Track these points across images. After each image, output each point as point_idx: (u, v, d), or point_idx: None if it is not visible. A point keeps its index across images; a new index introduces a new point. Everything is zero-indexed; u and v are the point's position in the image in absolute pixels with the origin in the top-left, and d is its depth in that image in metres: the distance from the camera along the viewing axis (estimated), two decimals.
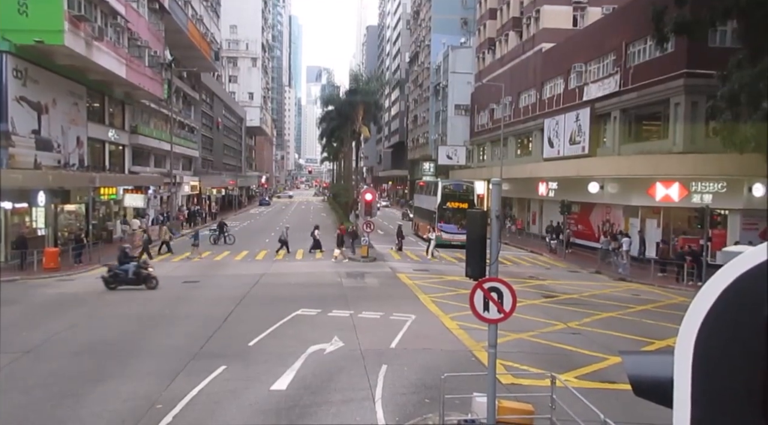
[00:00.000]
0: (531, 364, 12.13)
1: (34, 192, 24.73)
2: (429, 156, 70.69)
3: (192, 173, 56.47)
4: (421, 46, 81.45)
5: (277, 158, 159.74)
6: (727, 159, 22.64)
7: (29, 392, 10.27)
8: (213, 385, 10.59)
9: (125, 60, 31.44)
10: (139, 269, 20.25)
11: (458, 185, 37.44)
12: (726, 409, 1.29)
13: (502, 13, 53.50)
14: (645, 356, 1.77)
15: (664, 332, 14.99)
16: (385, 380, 11.00)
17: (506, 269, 25.48)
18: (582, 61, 34.47)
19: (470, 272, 7.86)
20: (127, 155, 38.66)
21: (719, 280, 1.33)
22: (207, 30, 57.14)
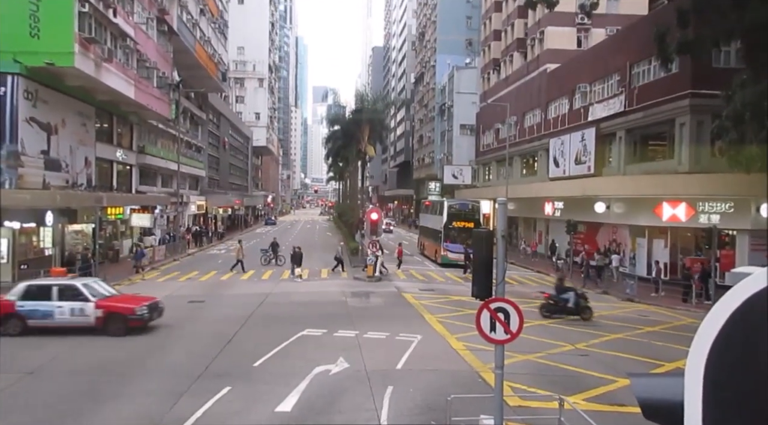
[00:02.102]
0: (538, 386, 11.98)
1: (42, 212, 24.87)
2: (434, 176, 70.85)
3: (198, 192, 56.73)
4: (426, 67, 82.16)
5: (283, 177, 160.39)
6: (734, 179, 22.57)
7: (32, 412, 10.22)
8: (217, 406, 10.51)
9: (134, 81, 31.83)
10: (579, 299, 19.51)
11: (464, 205, 37.43)
12: None
13: (506, 35, 54.00)
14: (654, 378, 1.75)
15: (674, 353, 14.81)
16: (391, 401, 10.89)
17: (512, 289, 25.32)
18: (586, 81, 34.65)
19: (476, 292, 7.82)
20: (134, 174, 38.93)
21: (729, 301, 1.32)
22: (214, 51, 57.88)
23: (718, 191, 24.75)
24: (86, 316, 15.97)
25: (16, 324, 15.93)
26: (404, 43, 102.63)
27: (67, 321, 15.99)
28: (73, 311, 15.99)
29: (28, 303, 16.05)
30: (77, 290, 16.31)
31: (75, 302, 16.06)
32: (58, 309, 15.97)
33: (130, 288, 25.51)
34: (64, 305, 16.02)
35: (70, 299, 16.11)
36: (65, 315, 15.99)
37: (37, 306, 16.03)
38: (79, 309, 15.98)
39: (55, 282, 17.02)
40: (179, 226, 43.90)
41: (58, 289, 16.30)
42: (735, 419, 1.27)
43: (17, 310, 15.97)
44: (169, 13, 39.55)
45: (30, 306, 16.02)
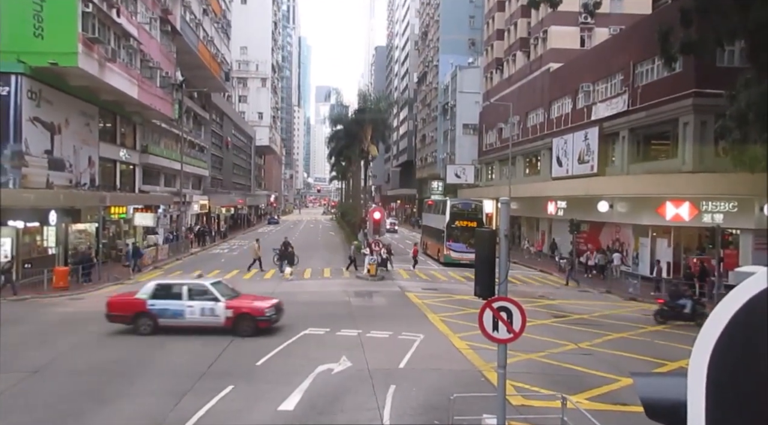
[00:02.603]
0: (541, 385, 11.97)
1: (46, 211, 24.95)
2: (437, 175, 70.80)
3: (201, 192, 56.82)
4: (429, 67, 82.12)
5: (285, 176, 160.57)
6: (738, 179, 22.51)
7: (35, 412, 10.25)
8: (220, 405, 10.53)
9: (137, 81, 31.90)
10: (696, 305, 19.17)
11: (467, 204, 37.40)
12: None
13: (509, 34, 53.94)
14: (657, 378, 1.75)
15: (677, 353, 14.79)
16: (394, 401, 10.89)
17: (515, 288, 25.30)
18: (590, 80, 34.59)
19: (479, 292, 7.81)
20: (137, 174, 39.01)
21: (732, 301, 1.32)
22: (218, 51, 57.94)
23: (722, 190, 24.68)
24: (216, 316, 15.88)
25: (147, 323, 15.97)
26: (407, 42, 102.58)
27: (197, 320, 15.94)
28: (204, 311, 15.92)
29: (158, 302, 16.01)
30: (207, 290, 16.25)
31: (205, 302, 15.99)
32: (188, 309, 15.92)
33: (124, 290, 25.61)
34: (194, 305, 15.97)
35: (200, 299, 16.03)
36: (195, 315, 15.93)
37: (168, 305, 15.99)
38: (209, 309, 15.89)
39: (185, 282, 17.11)
40: (181, 226, 43.97)
41: (188, 288, 16.27)
42: (738, 418, 1.27)
43: (149, 309, 15.97)
44: (173, 13, 39.60)
45: (161, 305, 15.99)
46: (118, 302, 16.60)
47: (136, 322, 16.01)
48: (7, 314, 18.58)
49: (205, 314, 15.92)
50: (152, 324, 15.98)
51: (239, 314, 15.98)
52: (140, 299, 16.15)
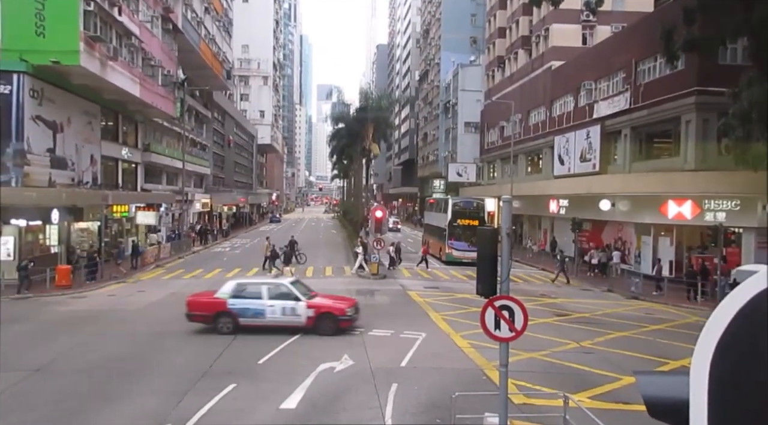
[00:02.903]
0: (543, 384, 11.97)
1: (48, 210, 24.99)
2: (439, 173, 70.77)
3: (203, 190, 56.88)
4: (430, 65, 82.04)
5: (287, 175, 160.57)
6: (740, 177, 22.46)
7: (38, 410, 10.27)
8: (222, 403, 10.55)
9: (139, 79, 31.92)
10: None
11: (468, 203, 37.38)
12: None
13: (511, 32, 53.86)
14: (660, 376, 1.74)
15: (679, 352, 14.77)
16: (396, 399, 10.90)
17: (517, 287, 25.28)
18: (592, 78, 34.53)
19: (481, 290, 7.81)
20: (139, 172, 39.06)
21: (735, 299, 1.32)
22: (219, 49, 57.94)
23: (724, 189, 24.63)
24: (297, 316, 15.79)
25: (228, 322, 15.89)
26: (408, 40, 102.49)
27: (278, 320, 15.84)
28: (285, 310, 15.82)
29: (239, 302, 15.93)
30: (287, 290, 16.18)
31: (286, 302, 15.91)
32: (269, 308, 15.82)
33: (126, 288, 25.68)
34: (275, 305, 15.88)
35: (280, 299, 15.94)
36: (276, 314, 15.82)
37: (249, 305, 15.89)
38: (290, 309, 15.80)
39: (265, 281, 17.07)
40: (183, 224, 44.02)
41: (268, 288, 16.20)
42: (740, 417, 1.27)
43: (229, 308, 15.89)
44: (174, 12, 39.61)
45: (241, 305, 15.90)
46: (198, 302, 16.45)
47: (216, 321, 15.92)
48: (9, 312, 18.63)
49: (286, 313, 15.79)
50: (233, 323, 15.87)
51: (321, 314, 15.86)
52: (221, 298, 16.04)
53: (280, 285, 16.50)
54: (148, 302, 21.13)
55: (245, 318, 15.89)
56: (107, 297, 22.75)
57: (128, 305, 20.91)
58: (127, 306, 20.62)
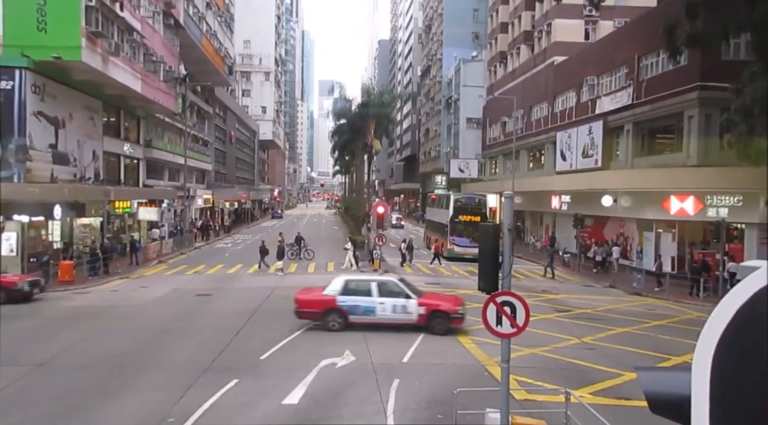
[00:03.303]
0: (545, 380, 11.98)
1: (51, 205, 25.03)
2: (441, 169, 70.71)
3: (205, 186, 56.91)
4: (432, 60, 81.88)
5: (289, 171, 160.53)
6: (743, 173, 22.41)
7: (41, 405, 10.31)
8: (224, 399, 10.58)
9: (141, 75, 31.90)
10: None
11: (470, 198, 37.35)
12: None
13: (513, 27, 53.69)
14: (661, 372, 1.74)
15: (681, 348, 14.77)
16: (397, 395, 10.92)
17: (519, 283, 25.29)
18: (594, 74, 34.43)
19: (483, 286, 7.80)
20: (141, 168, 39.09)
21: (737, 295, 1.32)
22: (221, 45, 57.87)
23: (727, 184, 24.58)
24: (409, 314, 15.60)
25: (337, 319, 15.78)
26: (410, 36, 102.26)
27: (389, 317, 15.65)
28: (395, 308, 15.64)
29: (348, 299, 15.81)
30: (398, 287, 16.01)
31: (397, 299, 15.72)
32: (380, 306, 15.64)
33: (128, 284, 25.74)
34: (386, 302, 15.69)
35: (391, 296, 15.76)
36: (387, 312, 15.63)
37: (359, 302, 15.75)
38: (401, 306, 15.62)
39: (374, 278, 16.93)
40: (185, 220, 44.08)
41: (378, 285, 16.02)
42: (742, 413, 1.27)
43: (339, 305, 15.77)
44: (176, 7, 39.55)
45: (351, 302, 15.76)
46: (308, 300, 16.29)
47: (325, 318, 15.80)
48: (12, 308, 18.69)
49: (397, 311, 15.61)
50: (342, 320, 15.75)
51: (432, 312, 15.66)
52: (330, 295, 15.90)
53: (391, 282, 16.30)
54: (151, 298, 21.18)
55: (355, 315, 15.73)
56: (110, 293, 22.81)
57: (130, 300, 20.97)
58: (130, 302, 20.68)
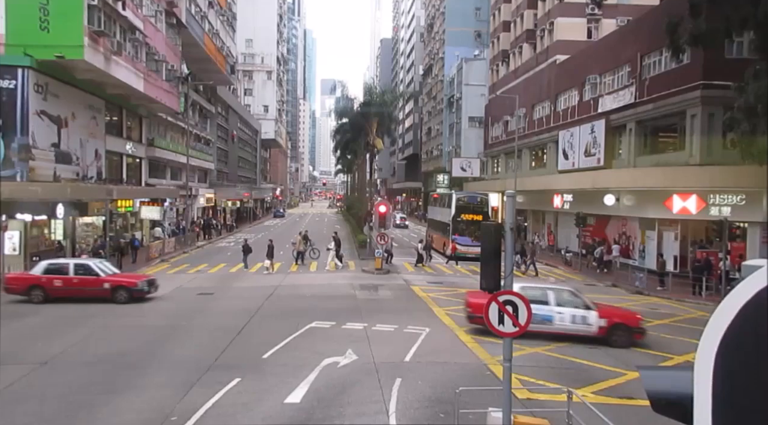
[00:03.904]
0: (547, 379, 11.98)
1: (53, 204, 25.09)
2: (443, 168, 70.67)
3: (207, 185, 56.97)
4: (434, 59, 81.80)
5: (291, 170, 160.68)
6: (746, 171, 22.36)
7: (45, 403, 10.34)
8: (227, 397, 10.60)
9: (143, 74, 31.94)
10: None
11: (473, 197, 37.32)
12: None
13: (515, 26, 53.62)
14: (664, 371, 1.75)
15: (683, 347, 14.75)
16: (399, 393, 10.93)
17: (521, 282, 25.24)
18: (596, 72, 34.37)
19: (485, 285, 7.81)
20: (143, 167, 39.14)
21: (740, 294, 1.32)
22: (223, 44, 57.89)
23: (730, 183, 24.53)
24: (589, 325, 15.20)
25: None
26: (413, 34, 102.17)
27: (567, 328, 15.28)
28: (575, 318, 15.28)
29: None
30: (577, 297, 15.73)
31: (576, 310, 15.34)
32: (558, 315, 15.28)
33: None
34: (564, 312, 15.25)
35: (569, 306, 15.40)
36: (565, 322, 15.27)
37: (536, 310, 15.54)
38: (581, 317, 15.25)
39: (550, 286, 16.69)
40: (187, 219, 44.13)
41: (555, 294, 15.74)
42: (744, 412, 1.27)
43: None
44: (178, 6, 39.58)
45: None
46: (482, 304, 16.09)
47: None
48: (16, 306, 18.73)
49: (576, 322, 15.24)
50: None
51: (614, 324, 15.24)
52: None
53: (568, 292, 16.06)
54: (154, 296, 21.21)
55: (532, 324, 15.59)
56: None
57: None
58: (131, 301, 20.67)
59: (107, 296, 19.73)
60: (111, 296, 19.76)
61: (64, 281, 19.77)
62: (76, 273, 19.93)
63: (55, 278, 19.78)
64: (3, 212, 22.71)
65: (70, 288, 19.79)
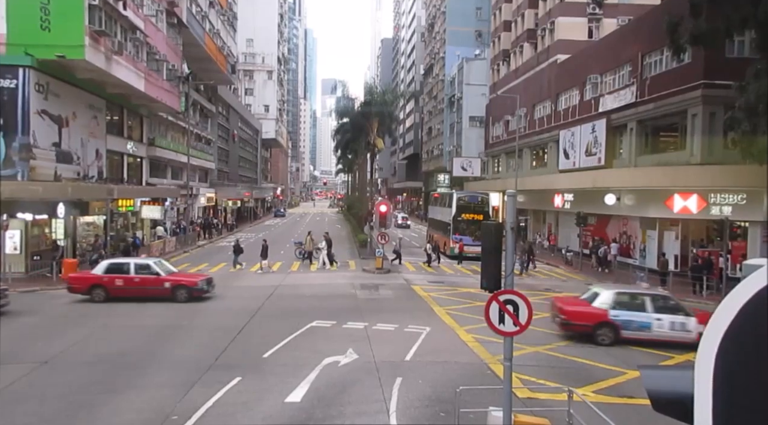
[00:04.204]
0: (547, 378, 11.99)
1: (54, 204, 25.10)
2: (443, 168, 70.67)
3: (208, 184, 56.98)
4: (435, 59, 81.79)
5: (292, 169, 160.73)
6: (747, 171, 22.35)
7: (45, 402, 10.35)
8: (228, 397, 10.60)
9: (144, 73, 31.94)
10: None
11: (473, 197, 37.33)
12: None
13: (516, 25, 53.60)
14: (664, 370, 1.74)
15: (684, 346, 14.74)
16: (400, 393, 10.93)
17: (522, 281, 25.28)
18: (597, 72, 34.35)
19: (485, 285, 7.81)
20: (144, 167, 39.15)
21: (740, 293, 1.31)
22: (224, 43, 57.89)
23: (731, 182, 24.52)
24: (688, 332, 14.93)
25: (608, 333, 15.41)
26: (413, 34, 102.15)
27: (666, 335, 15.10)
28: (674, 325, 15.09)
29: (622, 313, 15.40)
30: (675, 303, 15.63)
31: (675, 316, 15.16)
32: (656, 322, 15.11)
33: None
34: (663, 319, 15.06)
35: (667, 312, 15.24)
36: (664, 329, 15.08)
37: (633, 317, 15.29)
38: (680, 324, 15.06)
39: (647, 292, 16.58)
40: (188, 218, 44.15)
41: (652, 300, 15.57)
42: (745, 412, 1.26)
43: (611, 319, 15.35)
44: (179, 6, 39.57)
45: (625, 316, 15.31)
46: (578, 312, 15.79)
47: (596, 332, 15.38)
48: (17, 305, 18.76)
49: (675, 328, 15.06)
50: (613, 334, 15.32)
51: None
52: (602, 309, 15.51)
53: (665, 298, 15.95)
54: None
55: (628, 331, 15.27)
56: None
57: None
58: None
59: (167, 296, 19.95)
60: (171, 295, 19.97)
61: (125, 281, 20.02)
62: (137, 272, 20.18)
63: (117, 278, 20.03)
64: (4, 212, 22.74)
65: (131, 288, 20.02)
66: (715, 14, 21.08)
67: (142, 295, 19.89)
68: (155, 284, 20.07)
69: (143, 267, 20.49)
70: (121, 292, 19.92)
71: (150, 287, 20.01)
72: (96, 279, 20.09)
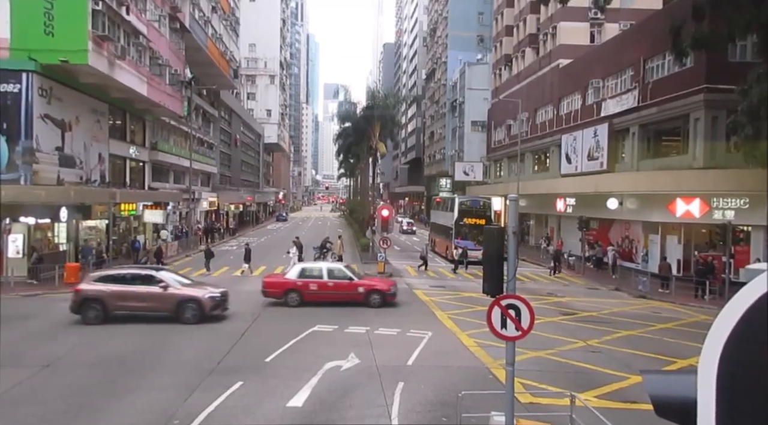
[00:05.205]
0: (550, 383, 11.94)
1: (57, 208, 25.14)
2: (445, 172, 70.69)
3: (210, 189, 57.06)
4: (437, 63, 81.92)
5: (294, 174, 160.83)
6: (750, 175, 22.31)
7: (47, 405, 10.35)
8: (230, 401, 10.59)
9: (146, 78, 32.03)
10: None
11: (475, 201, 37.29)
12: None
13: (518, 30, 53.69)
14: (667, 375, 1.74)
15: (687, 351, 14.70)
16: (402, 397, 10.91)
17: (524, 285, 25.23)
18: (599, 76, 34.37)
19: (487, 289, 7.80)
20: (147, 171, 39.21)
21: (743, 298, 1.31)
22: (226, 48, 58.06)
23: (733, 186, 24.47)
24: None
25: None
26: (415, 39, 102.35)
27: None
28: None
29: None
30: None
31: None
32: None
33: None
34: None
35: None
36: None
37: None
38: None
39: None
40: (190, 222, 44.20)
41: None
42: (748, 417, 1.26)
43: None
44: (182, 11, 39.72)
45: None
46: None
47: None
48: (19, 309, 18.77)
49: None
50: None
51: None
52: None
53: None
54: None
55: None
56: None
57: None
58: None
59: (360, 300, 20.11)
60: (365, 300, 20.13)
61: (320, 286, 20.25)
62: (330, 277, 20.42)
63: (311, 282, 20.27)
64: (7, 215, 22.79)
65: (325, 292, 20.23)
66: (718, 18, 21.11)
67: (336, 300, 20.10)
68: (348, 288, 20.32)
69: (337, 272, 20.79)
70: (315, 297, 20.19)
71: (343, 292, 20.27)
72: (291, 284, 20.37)
